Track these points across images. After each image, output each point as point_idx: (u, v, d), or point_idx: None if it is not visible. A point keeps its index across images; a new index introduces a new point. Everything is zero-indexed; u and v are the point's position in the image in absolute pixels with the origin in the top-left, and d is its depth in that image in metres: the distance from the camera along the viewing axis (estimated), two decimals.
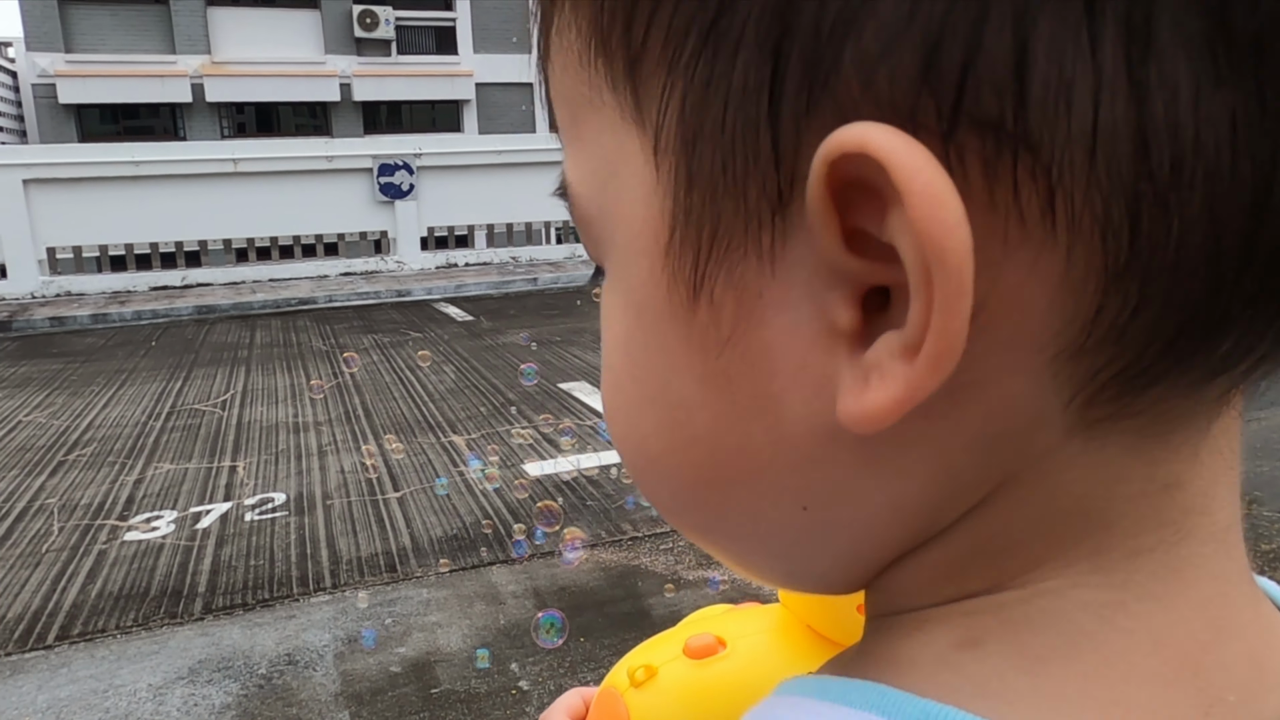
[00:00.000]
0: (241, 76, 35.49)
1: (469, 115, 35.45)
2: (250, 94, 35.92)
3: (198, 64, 35.37)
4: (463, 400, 5.76)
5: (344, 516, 3.87)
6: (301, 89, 36.76)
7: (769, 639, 0.49)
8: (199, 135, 37.25)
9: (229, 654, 2.79)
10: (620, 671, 0.49)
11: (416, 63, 35.90)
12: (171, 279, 11.16)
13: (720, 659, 0.48)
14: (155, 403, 6.04)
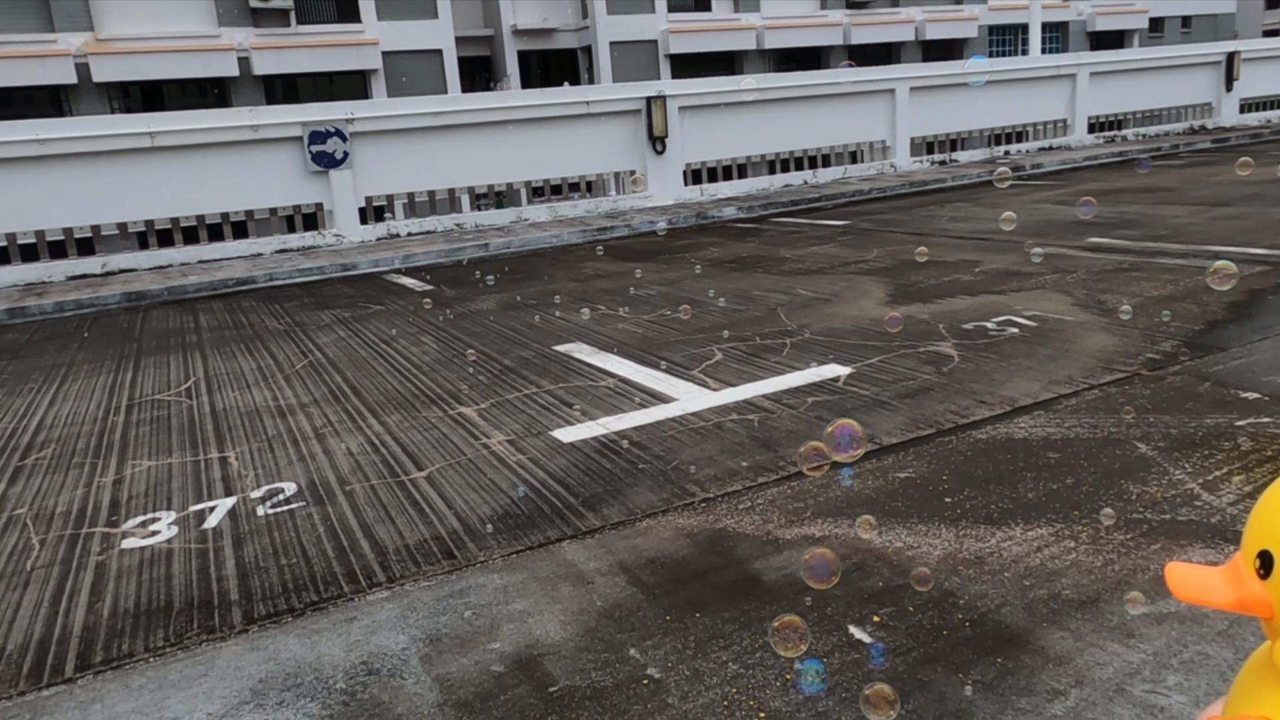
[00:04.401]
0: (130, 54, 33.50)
1: (377, 85, 34.25)
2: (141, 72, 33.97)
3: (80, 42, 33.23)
4: (457, 370, 5.34)
5: (371, 502, 3.46)
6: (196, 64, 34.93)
7: None
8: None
9: (293, 669, 2.40)
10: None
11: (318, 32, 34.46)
12: (91, 266, 10.30)
13: None
14: (108, 396, 5.46)
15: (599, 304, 7.03)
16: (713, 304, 6.65)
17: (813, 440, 2.48)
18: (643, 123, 12.88)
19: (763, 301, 6.55)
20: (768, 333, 5.58)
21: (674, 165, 13.19)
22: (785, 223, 11.31)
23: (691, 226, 11.73)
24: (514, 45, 38.79)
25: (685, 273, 8.19)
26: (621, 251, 10.09)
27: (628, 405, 4.40)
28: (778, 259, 8.46)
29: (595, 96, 12.75)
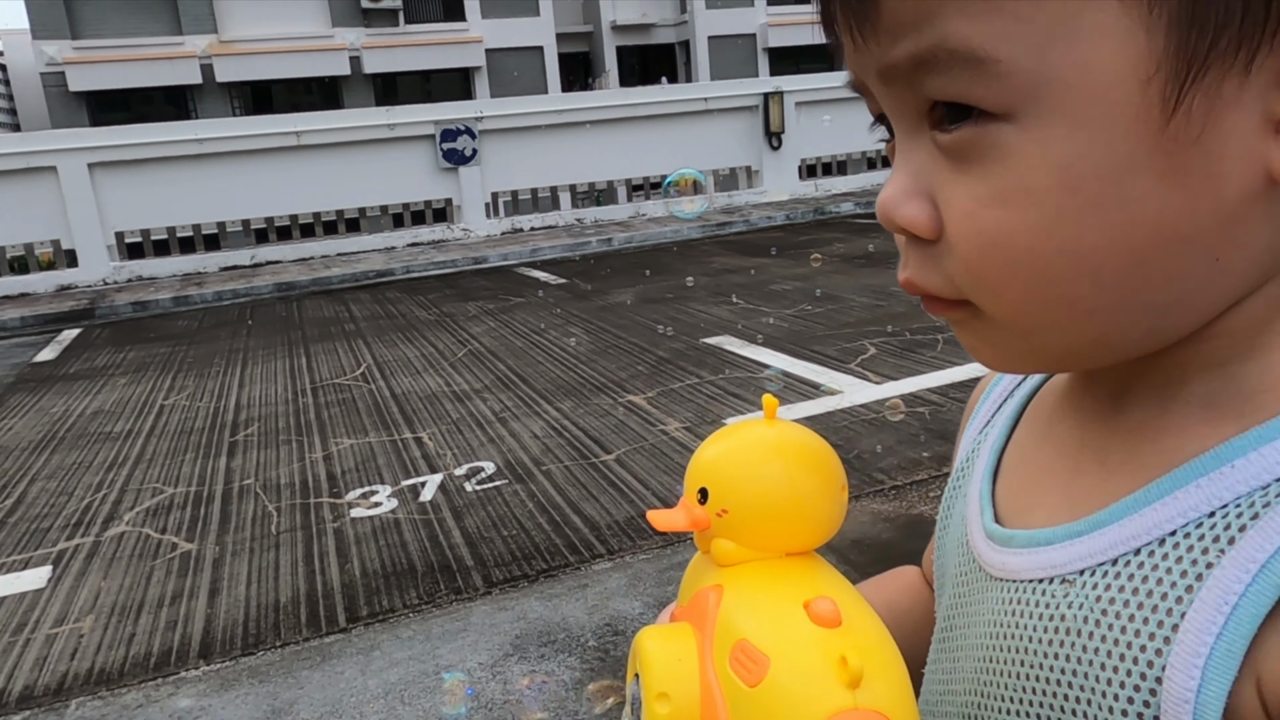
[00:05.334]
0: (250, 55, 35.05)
1: (480, 83, 35.02)
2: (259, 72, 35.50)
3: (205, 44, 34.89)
4: (615, 360, 5.58)
5: (571, 481, 3.70)
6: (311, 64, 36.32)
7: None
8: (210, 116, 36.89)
9: (543, 627, 2.64)
10: None
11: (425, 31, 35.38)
12: (240, 258, 10.95)
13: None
14: (291, 379, 5.87)
15: (736, 298, 7.19)
16: (851, 299, 6.74)
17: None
18: (759, 118, 12.97)
19: (902, 297, 6.61)
20: (916, 328, 5.66)
21: (789, 160, 13.25)
22: None
23: (810, 222, 11.79)
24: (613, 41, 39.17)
25: (814, 269, 8.28)
26: (745, 246, 10.22)
27: (793, 396, 4.55)
28: None
29: (713, 93, 12.89)
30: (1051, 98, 0.33)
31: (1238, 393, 0.37)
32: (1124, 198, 0.33)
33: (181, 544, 3.44)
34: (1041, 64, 0.32)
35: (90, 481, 4.23)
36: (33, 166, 9.89)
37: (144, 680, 2.55)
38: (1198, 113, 0.32)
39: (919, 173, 0.37)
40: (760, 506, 0.45)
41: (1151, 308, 0.35)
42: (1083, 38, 0.32)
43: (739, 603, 0.44)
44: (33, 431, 5.16)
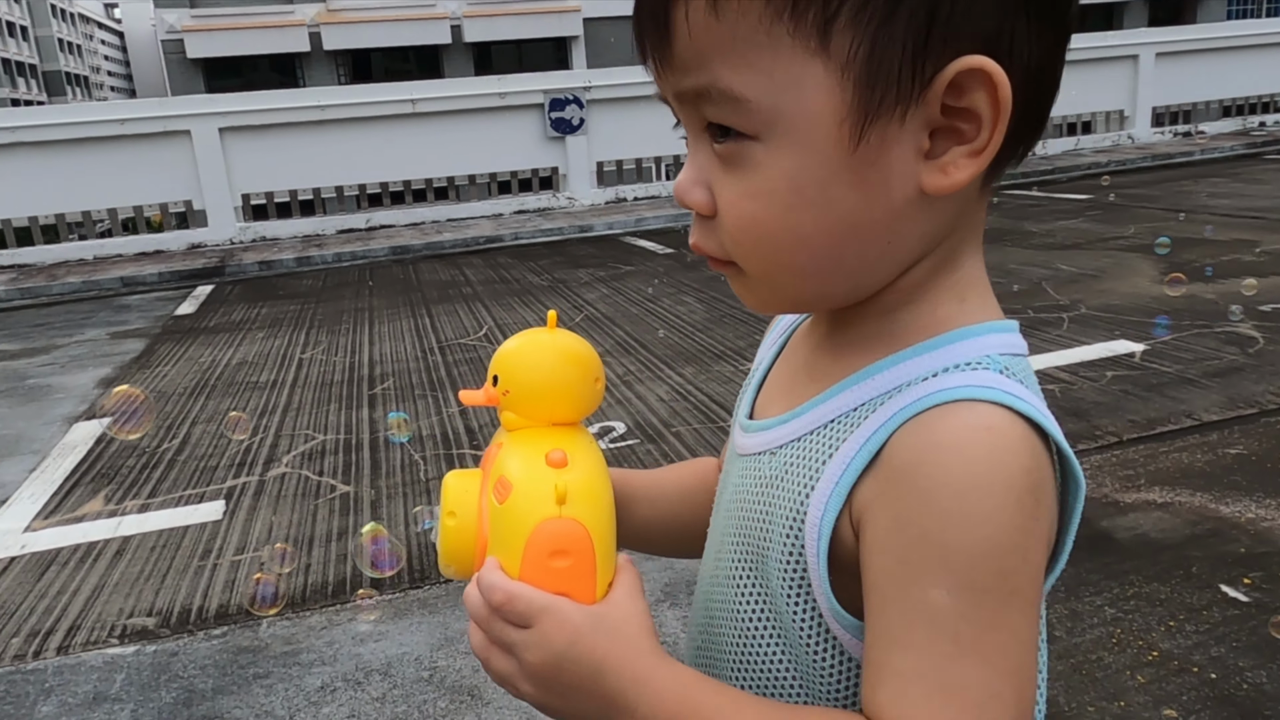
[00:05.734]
0: (356, 23, 35.90)
1: (577, 52, 35.13)
2: (364, 40, 36.38)
3: (314, 13, 35.84)
4: (730, 329, 5.66)
5: (700, 443, 3.82)
6: (413, 33, 37.03)
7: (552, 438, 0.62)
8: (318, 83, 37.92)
9: (690, 577, 2.76)
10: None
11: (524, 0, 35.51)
12: (357, 221, 11.36)
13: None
14: (417, 338, 6.12)
15: None
16: None
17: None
18: None
19: (1023, 275, 6.51)
20: (1039, 306, 5.58)
21: None
22: (1019, 195, 10.99)
23: None
24: None
25: None
26: None
27: None
28: (1024, 233, 8.30)
29: None
30: (783, 128, 0.48)
31: (895, 330, 0.54)
32: (828, 199, 0.48)
33: (340, 486, 3.68)
34: (776, 105, 0.47)
35: (245, 426, 4.53)
36: (169, 130, 10.42)
37: (324, 605, 2.78)
38: (874, 144, 0.47)
39: (702, 168, 0.52)
40: (530, 389, 0.62)
41: (849, 273, 0.52)
42: (803, 90, 0.47)
43: (508, 453, 0.61)
44: (186, 379, 5.53)
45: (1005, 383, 0.49)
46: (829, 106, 0.47)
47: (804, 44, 0.46)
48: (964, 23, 0.45)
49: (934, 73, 0.46)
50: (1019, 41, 0.47)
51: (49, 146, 10.14)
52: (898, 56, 0.45)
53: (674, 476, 0.80)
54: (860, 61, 0.46)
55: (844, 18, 0.45)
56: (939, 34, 0.45)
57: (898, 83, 0.46)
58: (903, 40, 0.45)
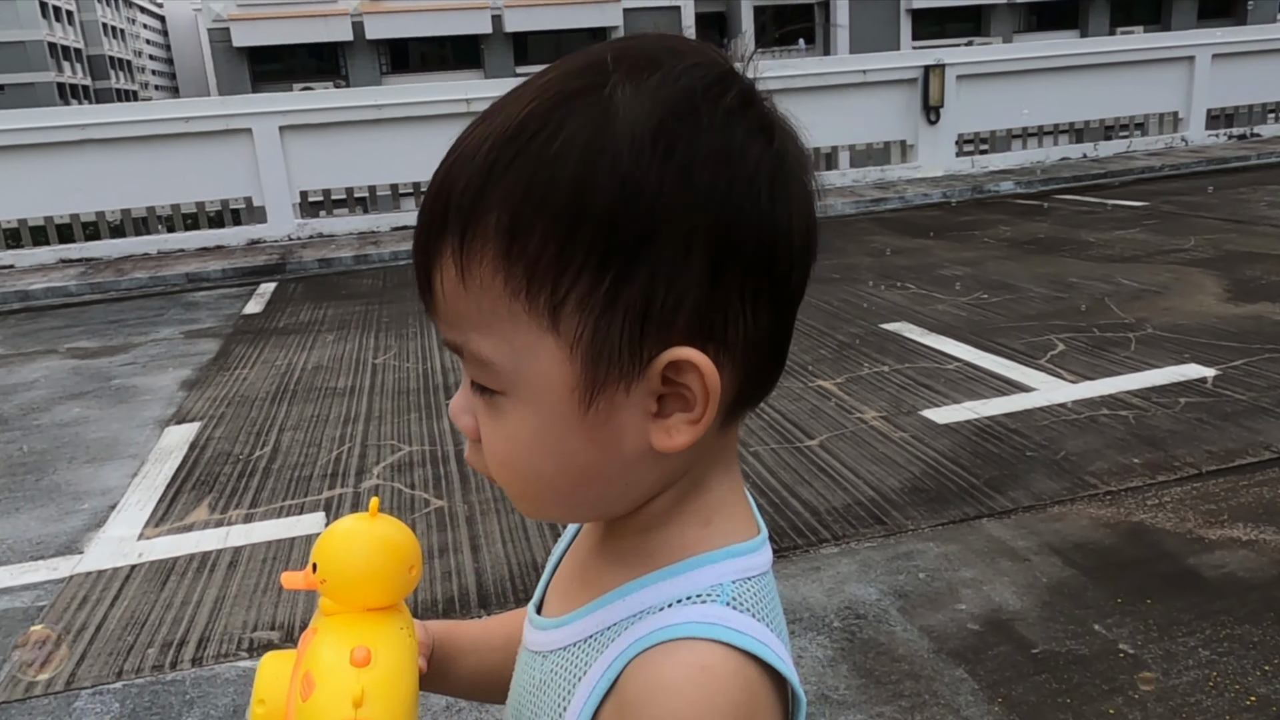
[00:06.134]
0: (398, 13, 36.15)
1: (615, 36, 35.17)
2: (405, 29, 36.70)
3: (357, 2, 36.12)
4: (796, 343, 5.66)
5: (781, 465, 3.91)
6: (455, 23, 37.26)
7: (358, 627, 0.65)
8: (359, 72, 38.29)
9: (787, 605, 2.86)
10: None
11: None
12: (409, 219, 11.53)
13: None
14: None
15: (906, 282, 7.22)
16: (1028, 289, 6.69)
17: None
18: (918, 92, 12.73)
19: (1084, 290, 6.53)
20: (1104, 324, 5.61)
21: (946, 135, 12.98)
22: (1072, 200, 10.93)
23: (969, 201, 11.57)
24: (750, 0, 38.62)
25: (984, 253, 8.20)
26: (903, 225, 10.15)
27: (986, 391, 4.63)
28: (1081, 242, 8.29)
29: (872, 65, 12.71)
30: (524, 389, 0.53)
31: (649, 549, 0.58)
32: (566, 449, 0.54)
33: (433, 500, 3.82)
34: (517, 369, 0.52)
35: (332, 435, 4.70)
36: (231, 128, 10.65)
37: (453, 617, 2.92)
38: (603, 408, 0.52)
39: (471, 399, 0.57)
40: (344, 578, 0.65)
41: (592, 506, 0.58)
42: (538, 359, 0.52)
43: (319, 644, 0.64)
44: (266, 383, 5.71)
45: (729, 616, 0.54)
46: (561, 376, 0.52)
47: (538, 321, 0.51)
48: (675, 316, 0.50)
49: (651, 357, 0.51)
50: (734, 325, 0.52)
51: (117, 144, 10.40)
52: (618, 341, 0.50)
53: (503, 629, 0.81)
54: (585, 342, 0.50)
55: (570, 304, 0.50)
56: (653, 325, 0.50)
57: (619, 362, 0.51)
58: (621, 328, 0.50)
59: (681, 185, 0.49)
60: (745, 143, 0.52)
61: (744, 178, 0.51)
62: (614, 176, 0.49)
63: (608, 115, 0.49)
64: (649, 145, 0.49)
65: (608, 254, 0.49)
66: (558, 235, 0.49)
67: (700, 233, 0.50)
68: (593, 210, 0.49)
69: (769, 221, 0.52)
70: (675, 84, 0.51)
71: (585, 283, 0.50)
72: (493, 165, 0.51)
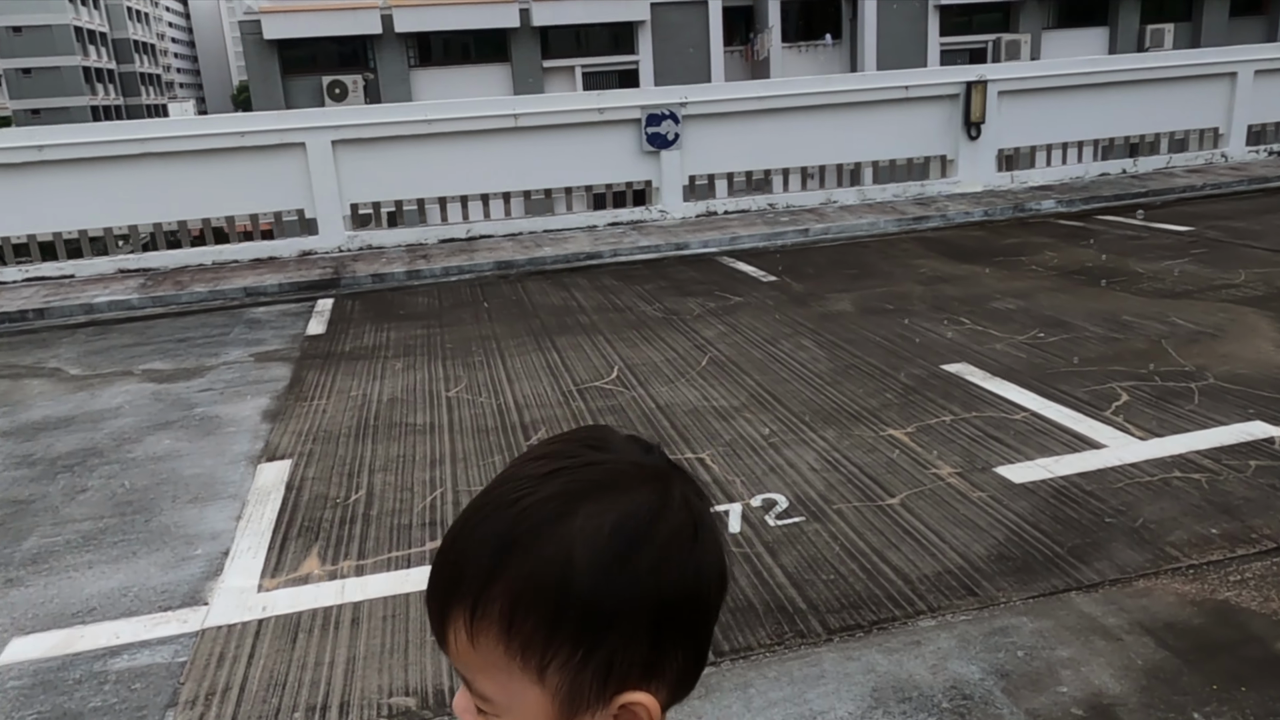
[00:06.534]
0: (426, 6, 36.27)
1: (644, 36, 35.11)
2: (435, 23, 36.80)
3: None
4: (859, 385, 5.88)
5: (866, 525, 4.07)
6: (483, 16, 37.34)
7: None
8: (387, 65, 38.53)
9: (894, 682, 3.03)
10: None
11: None
12: (457, 231, 11.72)
13: None
14: (552, 377, 6.43)
15: (960, 316, 7.34)
16: (1084, 328, 6.80)
17: None
18: (959, 107, 12.79)
19: (1139, 330, 6.63)
20: (1165, 372, 5.72)
21: (987, 151, 13.04)
22: (1115, 223, 10.99)
23: (1010, 220, 11.64)
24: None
25: (1034, 283, 8.30)
26: (947, 248, 10.24)
27: (1056, 446, 4.77)
28: (1131, 274, 8.38)
29: (914, 81, 12.78)
30: (512, 715, 0.69)
31: None
32: None
33: None
34: (510, 705, 0.69)
35: (421, 478, 4.88)
36: (286, 143, 10.84)
37: None
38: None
39: (470, 702, 0.72)
40: None
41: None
42: (528, 700, 0.68)
43: None
44: (346, 417, 5.90)
45: None
46: (545, 712, 0.69)
47: (528, 676, 0.68)
48: (629, 671, 0.69)
49: (611, 698, 0.69)
50: (670, 666, 0.71)
51: (175, 157, 10.62)
52: (586, 691, 0.69)
53: None
54: (564, 692, 0.68)
55: (553, 668, 0.68)
56: (613, 679, 0.69)
57: (588, 703, 0.69)
58: (589, 683, 0.68)
59: (632, 590, 0.68)
60: (679, 547, 0.71)
61: (676, 574, 0.70)
62: (586, 585, 0.67)
63: (580, 536, 0.68)
64: (609, 561, 0.67)
65: (581, 638, 0.67)
66: (546, 624, 0.67)
67: (645, 618, 0.69)
68: (572, 609, 0.67)
69: (694, 595, 0.71)
70: (626, 509, 0.69)
71: (564, 654, 0.68)
72: (499, 559, 0.68)
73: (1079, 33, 35.03)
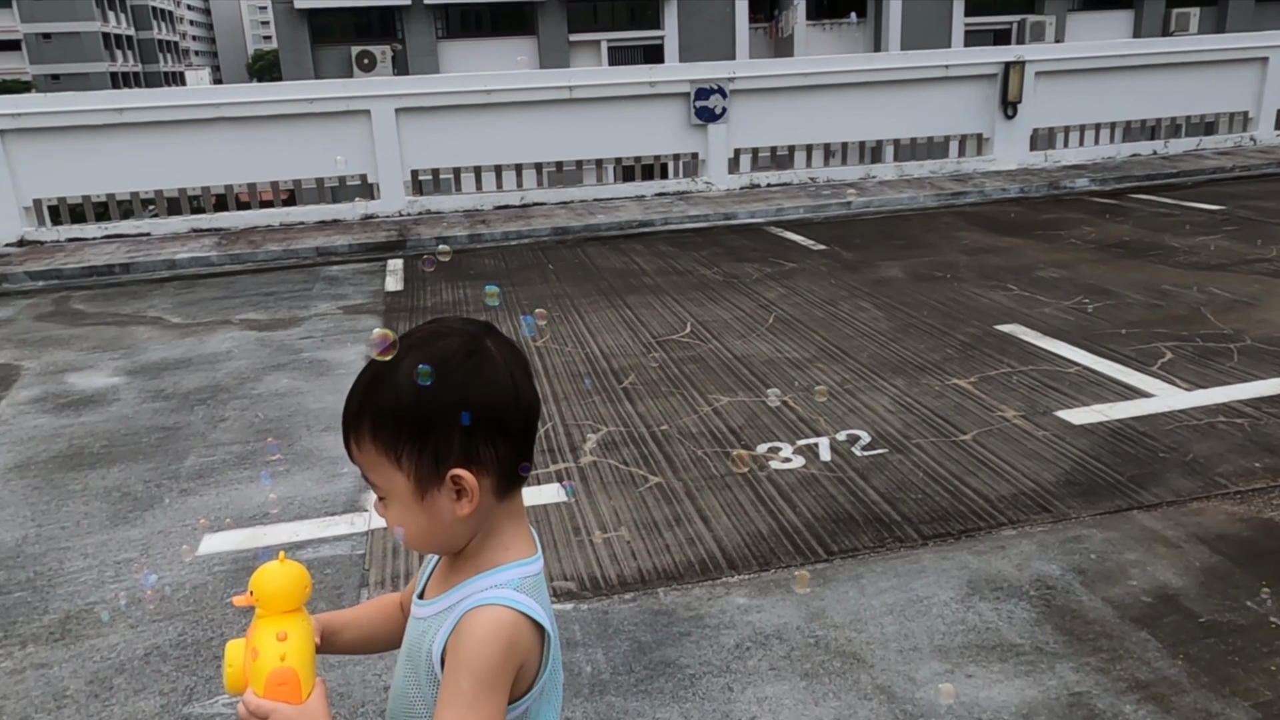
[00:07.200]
0: None
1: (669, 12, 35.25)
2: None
3: None
4: (920, 341, 6.36)
5: (946, 456, 4.56)
6: None
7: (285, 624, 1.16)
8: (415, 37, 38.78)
9: (986, 576, 3.53)
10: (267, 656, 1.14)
11: None
12: (511, 199, 12.19)
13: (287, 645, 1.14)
14: (630, 331, 6.92)
15: (1006, 283, 7.80)
16: (1126, 295, 7.26)
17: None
18: (996, 87, 13.16)
19: (1179, 298, 7.08)
20: (1205, 334, 6.18)
21: (1022, 130, 13.42)
22: (1148, 201, 11.40)
23: (1045, 198, 12.05)
24: None
25: (1073, 255, 8.74)
26: (986, 222, 10.67)
27: (1109, 395, 5.24)
28: (1166, 248, 8.81)
29: (955, 60, 13.15)
30: (394, 496, 1.11)
31: (475, 564, 1.14)
32: (418, 522, 1.11)
33: (650, 476, 4.51)
34: (389, 488, 1.11)
35: None
36: (352, 109, 11.30)
37: (700, 580, 3.61)
38: (428, 500, 1.09)
39: (378, 500, 1.15)
40: (266, 597, 1.13)
41: (440, 545, 1.16)
42: (396, 482, 1.09)
43: (259, 631, 1.12)
44: None
45: (513, 595, 1.10)
46: (408, 489, 1.08)
47: (394, 466, 1.08)
48: (450, 455, 1.07)
49: (443, 474, 1.07)
50: (486, 453, 1.09)
51: (247, 122, 11.09)
52: (428, 470, 1.07)
53: (366, 614, 1.37)
54: (414, 473, 1.07)
55: (404, 459, 1.07)
56: (443, 460, 1.07)
57: (431, 478, 1.08)
58: (428, 464, 1.07)
59: (439, 402, 1.06)
60: (473, 374, 1.08)
61: (471, 392, 1.07)
62: (409, 403, 1.07)
63: (405, 371, 1.07)
64: (423, 386, 1.06)
65: (415, 435, 1.07)
66: (391, 431, 1.08)
67: (454, 419, 1.07)
68: (405, 418, 1.07)
69: (487, 406, 1.08)
70: (437, 351, 1.08)
71: (408, 448, 1.07)
72: (364, 396, 1.10)
73: (1104, 15, 35.04)
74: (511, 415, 1.11)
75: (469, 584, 1.14)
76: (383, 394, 1.08)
